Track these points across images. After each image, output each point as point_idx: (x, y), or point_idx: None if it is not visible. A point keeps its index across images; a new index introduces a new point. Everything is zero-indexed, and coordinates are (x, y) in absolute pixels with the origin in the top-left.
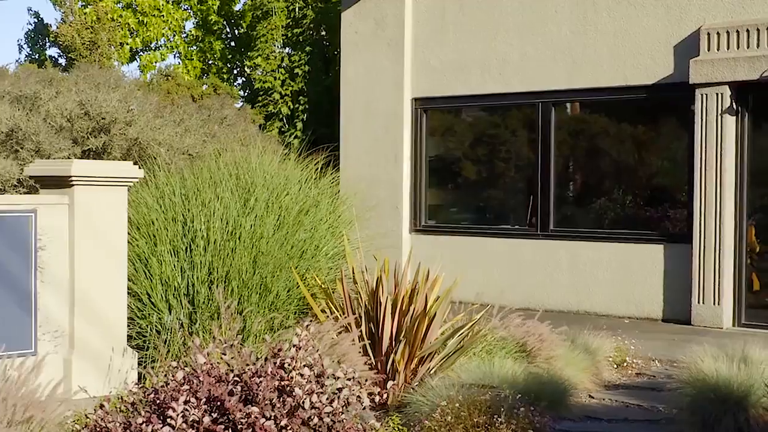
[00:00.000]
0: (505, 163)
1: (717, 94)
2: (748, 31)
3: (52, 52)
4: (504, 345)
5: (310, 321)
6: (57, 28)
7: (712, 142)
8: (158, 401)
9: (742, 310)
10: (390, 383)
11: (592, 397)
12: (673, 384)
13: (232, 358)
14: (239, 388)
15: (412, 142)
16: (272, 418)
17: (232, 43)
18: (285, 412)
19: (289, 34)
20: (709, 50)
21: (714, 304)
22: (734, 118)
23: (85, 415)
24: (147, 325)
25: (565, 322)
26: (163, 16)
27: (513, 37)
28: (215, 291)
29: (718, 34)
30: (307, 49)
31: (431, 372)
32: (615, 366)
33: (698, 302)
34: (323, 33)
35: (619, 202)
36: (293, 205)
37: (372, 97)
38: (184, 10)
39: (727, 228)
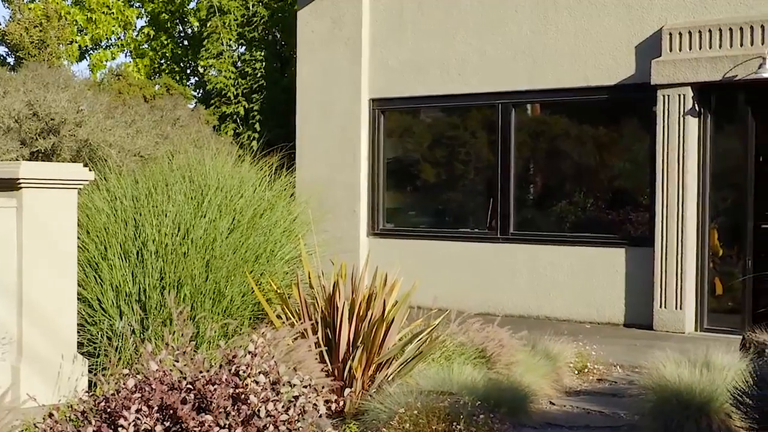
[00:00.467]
0: (465, 165)
1: (679, 95)
2: (710, 31)
3: (0, 51)
4: (463, 351)
5: (266, 327)
6: (5, 26)
7: (674, 144)
8: (109, 410)
9: (705, 315)
10: (347, 390)
11: (553, 404)
12: (634, 390)
13: (185, 365)
14: (192, 396)
15: (370, 144)
16: (227, 426)
17: (185, 42)
18: (240, 420)
19: (244, 33)
20: (671, 51)
21: (676, 308)
22: (696, 119)
23: (34, 425)
24: (98, 332)
25: (525, 327)
26: (113, 13)
27: (472, 37)
28: (166, 296)
29: (680, 34)
30: (262, 48)
31: (389, 378)
32: (576, 372)
33: (660, 307)
34: (277, 32)
35: (580, 205)
36: (248, 207)
37: (329, 98)
38: (135, 7)
39: (689, 231)
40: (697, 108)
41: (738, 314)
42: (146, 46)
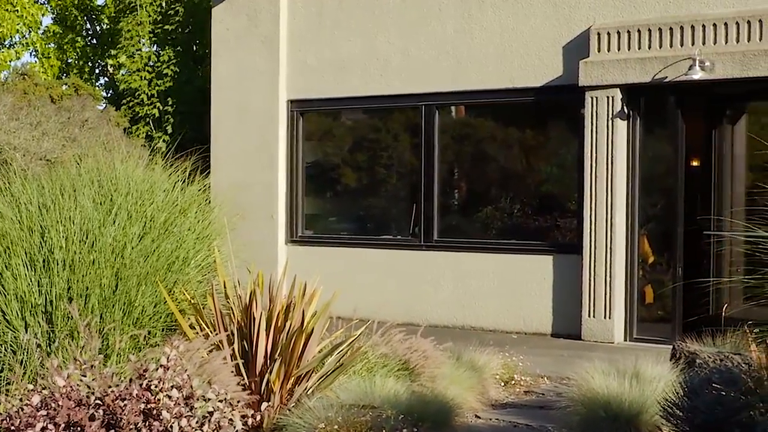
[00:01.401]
0: (387, 169)
1: (608, 97)
2: (639, 31)
3: None
4: (386, 362)
5: (179, 338)
6: None
7: (602, 148)
8: (13, 428)
9: (634, 324)
10: (264, 404)
11: (479, 417)
12: (562, 402)
13: (93, 379)
14: (101, 412)
15: (288, 147)
16: None
17: (94, 41)
18: None
19: (157, 31)
20: (599, 51)
21: (605, 317)
22: (626, 122)
23: None
24: (1, 345)
25: (450, 337)
26: (17, 10)
27: (395, 36)
28: (70, 307)
29: (608, 34)
30: (176, 47)
31: (309, 392)
32: (502, 384)
33: (589, 316)
34: (191, 30)
35: (506, 211)
36: (159, 213)
37: (245, 99)
38: (41, 4)
39: (618, 238)
40: (626, 110)
41: (668, 323)
42: (53, 45)
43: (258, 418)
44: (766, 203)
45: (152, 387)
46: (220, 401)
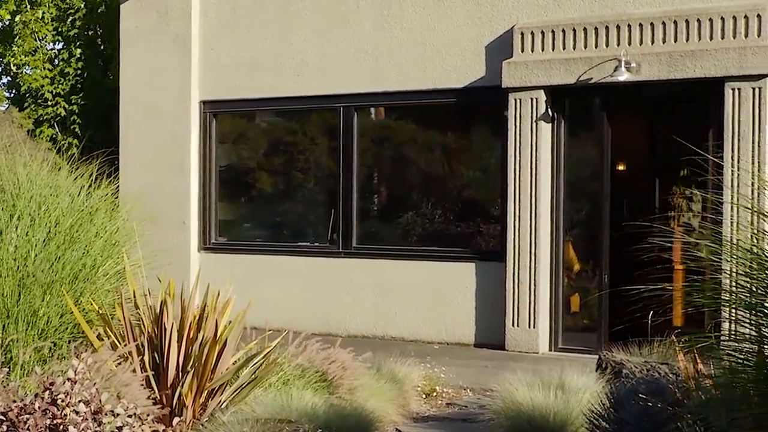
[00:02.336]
0: (304, 173)
1: (531, 99)
2: (563, 31)
3: None
4: (303, 374)
5: (87, 350)
6: None
7: (526, 151)
8: None
9: (560, 334)
10: (176, 419)
11: (399, 431)
12: (486, 414)
13: None
14: (5, 427)
15: (201, 150)
16: None
17: None
18: None
19: (61, 28)
20: (522, 51)
21: (529, 327)
22: (550, 125)
23: None
24: None
25: (369, 348)
26: None
27: (311, 34)
28: None
29: (532, 34)
30: (82, 45)
31: (223, 406)
32: (424, 396)
33: (513, 325)
34: (98, 28)
35: (428, 217)
36: (65, 218)
37: (155, 100)
38: None
39: (542, 244)
40: (550, 112)
41: (594, 332)
42: None
43: None
44: (692, 209)
45: (59, 401)
46: (129, 416)
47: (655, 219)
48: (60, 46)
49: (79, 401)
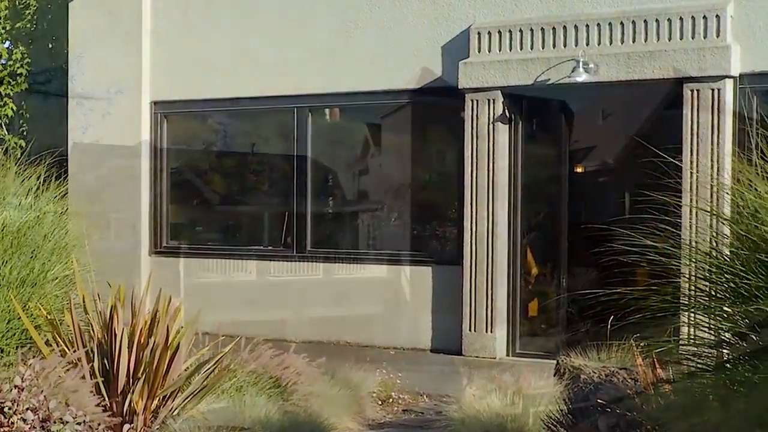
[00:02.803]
0: (258, 175)
1: (488, 100)
2: (521, 31)
3: None
4: (256, 381)
5: (34, 357)
6: None
7: (483, 154)
8: None
9: (517, 338)
10: (127, 427)
11: None
12: (442, 421)
13: None
14: None
15: (152, 152)
16: None
17: None
18: None
19: (8, 27)
20: (479, 52)
21: (487, 331)
22: (507, 126)
23: None
24: None
25: (324, 354)
26: None
27: (266, 34)
28: None
29: (489, 34)
30: (31, 44)
31: (174, 413)
32: (380, 402)
33: (470, 330)
34: (47, 26)
35: (383, 220)
36: (11, 223)
37: (106, 100)
38: None
39: (500, 248)
40: (507, 114)
41: (553, 337)
42: None
43: None
44: (651, 211)
45: (5, 409)
46: (78, 424)
47: (614, 222)
48: (7, 45)
49: (27, 409)
